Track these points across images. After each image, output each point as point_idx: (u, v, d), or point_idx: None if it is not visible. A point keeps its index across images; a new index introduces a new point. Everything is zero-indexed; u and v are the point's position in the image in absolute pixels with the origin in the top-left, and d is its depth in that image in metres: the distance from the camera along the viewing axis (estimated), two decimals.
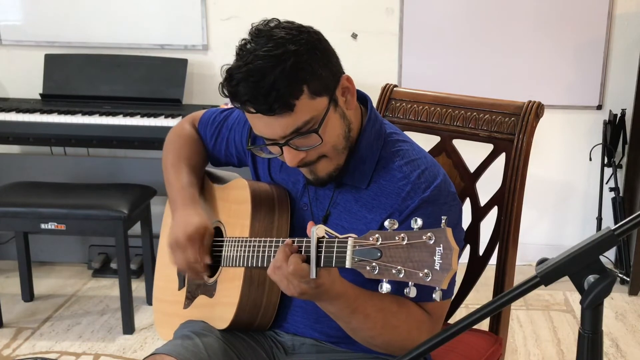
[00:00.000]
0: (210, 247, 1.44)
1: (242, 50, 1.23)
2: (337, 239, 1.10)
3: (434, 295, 1.00)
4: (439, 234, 1.00)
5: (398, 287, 1.05)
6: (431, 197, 1.30)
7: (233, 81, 1.21)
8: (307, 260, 1.14)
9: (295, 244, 1.18)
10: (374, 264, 1.04)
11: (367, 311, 1.24)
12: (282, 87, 1.19)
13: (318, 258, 1.11)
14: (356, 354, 1.41)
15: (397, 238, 1.03)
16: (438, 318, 1.33)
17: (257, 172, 1.55)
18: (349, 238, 1.09)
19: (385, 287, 1.03)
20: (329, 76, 1.26)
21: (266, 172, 1.52)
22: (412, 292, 1.02)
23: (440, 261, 0.99)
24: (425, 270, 0.99)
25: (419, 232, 1.01)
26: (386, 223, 1.05)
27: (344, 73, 1.31)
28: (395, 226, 1.04)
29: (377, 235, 1.05)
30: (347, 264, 1.07)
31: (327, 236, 1.12)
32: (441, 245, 0.99)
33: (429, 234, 1.00)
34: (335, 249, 1.10)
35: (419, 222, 1.01)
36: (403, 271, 1.01)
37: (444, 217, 1.01)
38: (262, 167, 1.53)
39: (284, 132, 1.24)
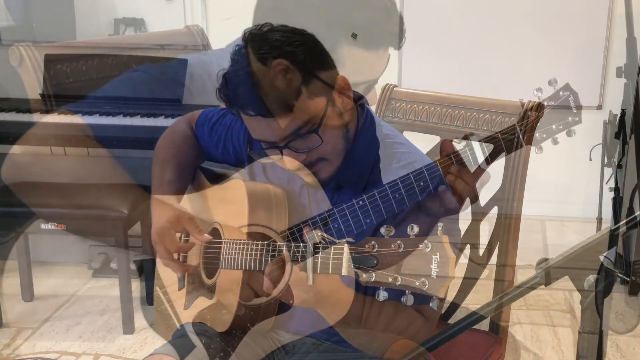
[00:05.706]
0: (178, 238, 1.44)
1: (236, 55, 1.23)
2: (332, 245, 1.10)
3: (431, 304, 1.00)
4: (435, 241, 0.99)
5: (396, 294, 1.05)
6: None
7: (230, 85, 1.22)
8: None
9: (292, 249, 1.18)
10: (370, 271, 1.03)
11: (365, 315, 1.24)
12: (280, 89, 1.19)
13: (315, 264, 1.11)
14: (357, 353, 1.41)
15: (393, 245, 1.02)
16: (433, 320, 1.33)
17: (252, 170, 1.54)
18: (345, 245, 1.08)
19: (382, 295, 1.03)
20: (326, 77, 1.26)
21: (261, 171, 1.52)
22: (410, 300, 1.02)
23: (437, 270, 0.98)
24: (422, 279, 0.99)
25: (415, 240, 1.01)
26: (382, 230, 1.05)
27: (339, 74, 1.31)
28: (392, 233, 1.04)
29: (373, 242, 1.05)
30: (344, 271, 1.07)
31: (323, 242, 1.12)
32: (438, 253, 0.99)
33: (425, 242, 1.00)
34: (332, 255, 1.10)
35: (415, 229, 1.01)
36: (399, 279, 1.01)
37: (440, 224, 1.01)
38: (257, 165, 1.53)
39: (284, 134, 1.24)
